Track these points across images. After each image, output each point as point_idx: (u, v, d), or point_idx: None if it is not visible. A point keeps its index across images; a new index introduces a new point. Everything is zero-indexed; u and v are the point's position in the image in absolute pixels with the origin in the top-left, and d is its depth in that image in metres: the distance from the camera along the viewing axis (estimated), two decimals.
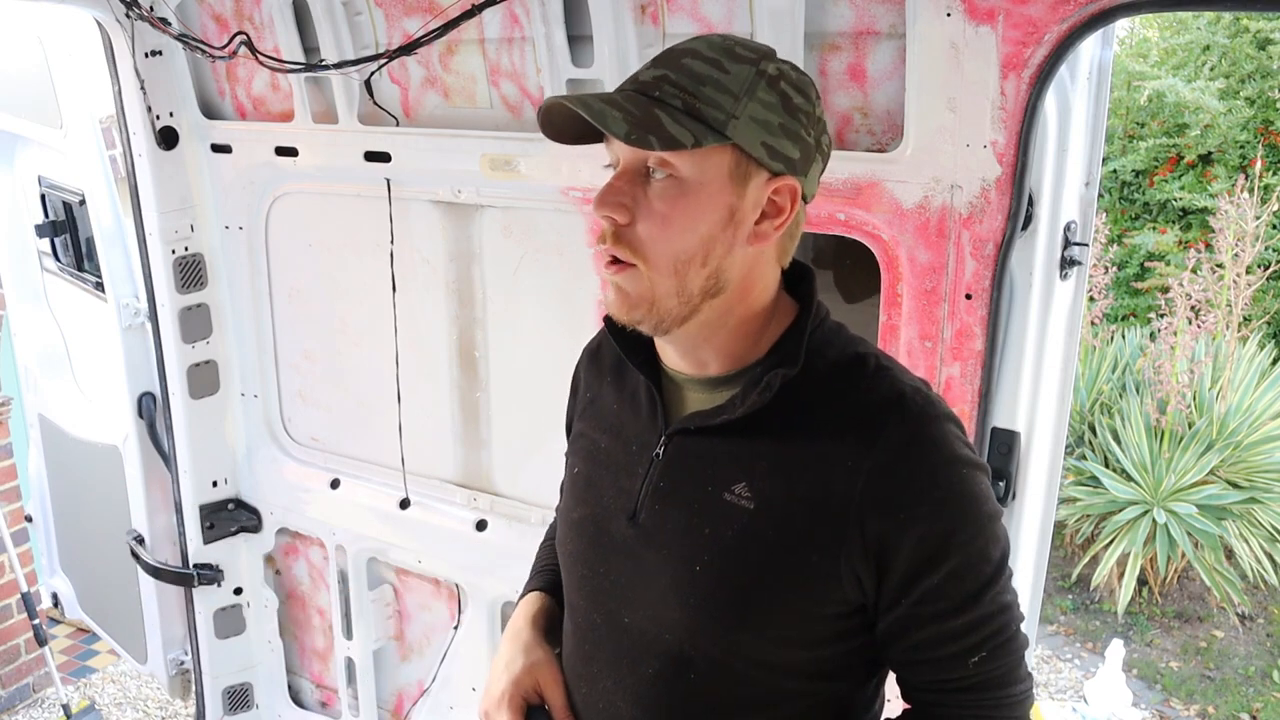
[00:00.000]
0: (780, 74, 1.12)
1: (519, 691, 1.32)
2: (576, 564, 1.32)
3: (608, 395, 1.34)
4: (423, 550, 2.70)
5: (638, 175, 1.11)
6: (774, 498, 1.13)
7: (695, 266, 1.11)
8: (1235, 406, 4.98)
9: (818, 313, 1.20)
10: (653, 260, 1.11)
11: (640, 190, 1.11)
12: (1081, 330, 1.92)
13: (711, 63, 1.10)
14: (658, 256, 1.11)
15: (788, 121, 1.11)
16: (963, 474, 1.11)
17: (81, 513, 3.52)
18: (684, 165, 1.09)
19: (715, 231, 1.11)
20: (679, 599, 1.18)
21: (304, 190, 2.63)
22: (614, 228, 1.12)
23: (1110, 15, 1.50)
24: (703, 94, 1.08)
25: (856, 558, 1.11)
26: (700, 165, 1.09)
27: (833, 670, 1.20)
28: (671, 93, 1.08)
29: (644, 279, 1.12)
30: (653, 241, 1.10)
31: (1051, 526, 1.90)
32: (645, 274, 1.12)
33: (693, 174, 1.09)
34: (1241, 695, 4.43)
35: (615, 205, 1.11)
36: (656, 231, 1.10)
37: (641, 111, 1.07)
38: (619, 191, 1.11)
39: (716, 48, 1.11)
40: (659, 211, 1.10)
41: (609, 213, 1.11)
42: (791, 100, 1.12)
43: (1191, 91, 6.54)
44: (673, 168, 1.09)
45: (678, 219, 1.10)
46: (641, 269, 1.11)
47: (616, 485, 1.27)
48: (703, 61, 1.10)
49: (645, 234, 1.11)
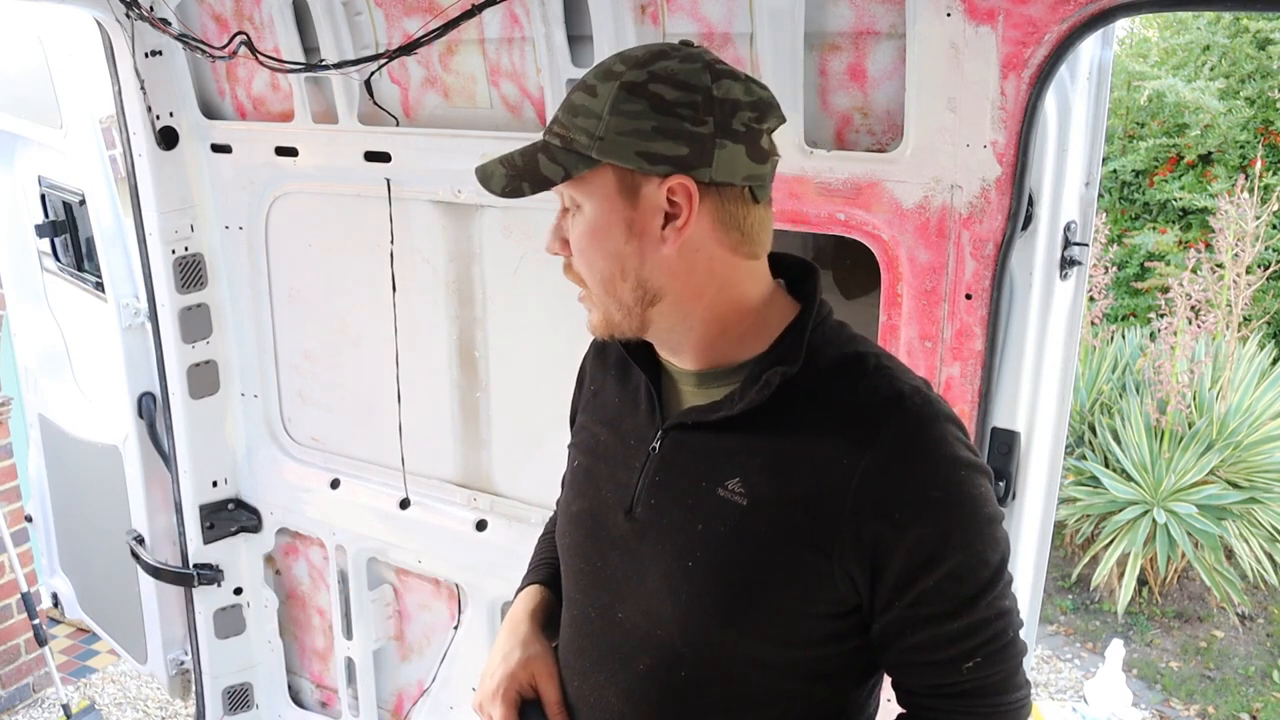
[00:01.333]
0: (651, 76, 1.09)
1: (514, 685, 1.32)
2: (574, 557, 1.32)
3: (610, 389, 1.35)
4: (423, 550, 2.70)
5: (566, 214, 1.20)
6: (768, 494, 1.13)
7: (617, 282, 1.17)
8: (1235, 406, 4.98)
9: (819, 311, 1.20)
10: (590, 284, 1.20)
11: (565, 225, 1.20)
12: (1081, 330, 1.92)
13: (587, 89, 1.13)
14: (591, 281, 1.19)
15: (662, 122, 1.09)
16: (961, 475, 1.10)
17: (81, 513, 3.52)
18: (579, 196, 1.16)
19: (620, 246, 1.15)
20: (671, 594, 1.18)
21: (304, 190, 2.63)
22: (566, 262, 1.21)
23: (1110, 15, 1.50)
24: (574, 124, 1.13)
25: (850, 557, 1.10)
26: (588, 192, 1.14)
27: (826, 671, 1.20)
28: (557, 131, 1.15)
29: (594, 300, 1.21)
30: (582, 269, 1.19)
31: (1051, 526, 1.90)
32: (591, 296, 1.21)
33: (585, 201, 1.15)
34: (1241, 695, 4.43)
35: (553, 242, 1.21)
36: (581, 260, 1.19)
37: (524, 161, 1.15)
38: (556, 230, 1.20)
39: (598, 72, 1.14)
40: (575, 242, 1.18)
41: (549, 249, 1.22)
42: (665, 99, 1.09)
43: (1191, 91, 6.54)
44: (577, 200, 1.16)
45: (587, 245, 1.17)
46: (587, 293, 1.21)
47: (614, 479, 1.27)
48: (581, 91, 1.14)
49: (577, 264, 1.19)
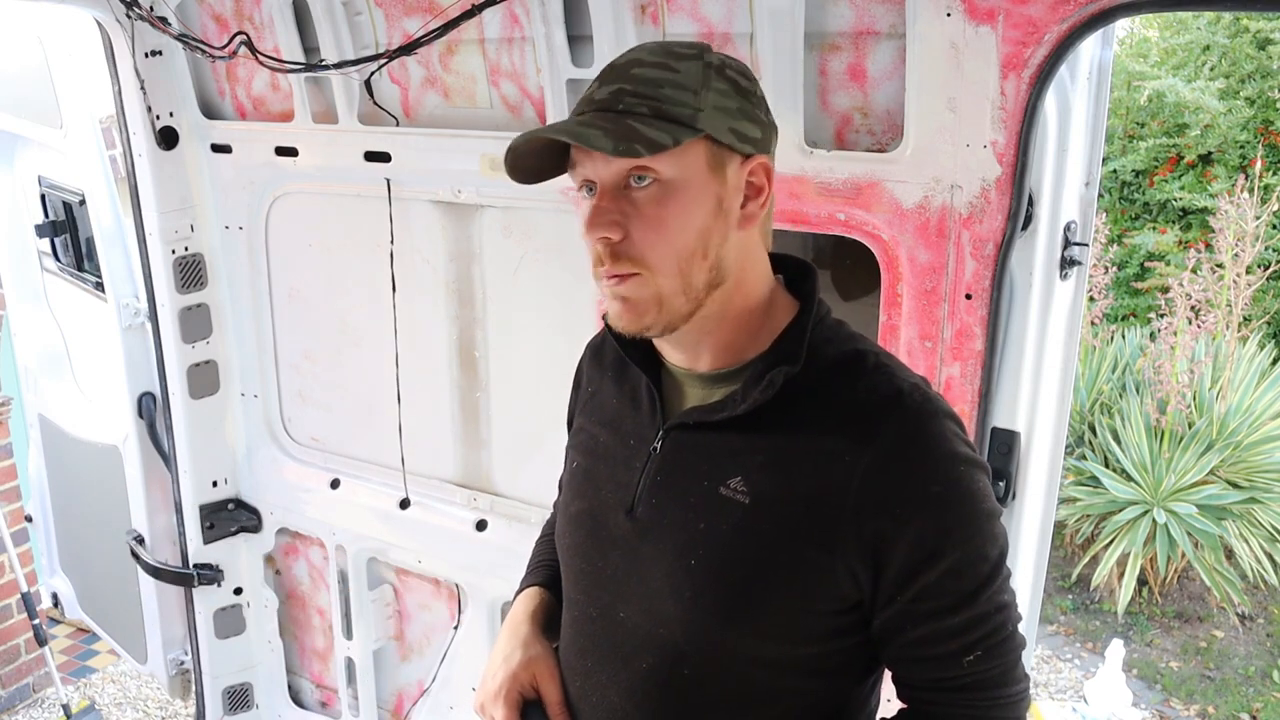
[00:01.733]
0: (724, 63, 1.15)
1: (515, 686, 1.32)
2: (574, 557, 1.32)
3: (608, 390, 1.35)
4: (423, 550, 2.70)
5: (618, 190, 1.12)
6: (770, 493, 1.14)
7: (697, 260, 1.13)
8: (1235, 406, 4.98)
9: (819, 310, 1.21)
10: (655, 264, 1.12)
11: (626, 203, 1.12)
12: (1081, 330, 1.92)
13: (659, 66, 1.12)
14: (659, 260, 1.12)
15: (743, 104, 1.15)
16: (961, 471, 1.11)
17: (81, 513, 3.52)
18: (665, 167, 1.10)
19: (709, 223, 1.13)
20: (673, 593, 1.18)
21: (304, 190, 2.63)
22: (609, 247, 1.12)
23: (1110, 15, 1.50)
24: (663, 95, 1.10)
25: (852, 554, 1.11)
26: (680, 163, 1.11)
27: (829, 668, 1.20)
28: (634, 102, 1.10)
29: (649, 284, 1.12)
30: (653, 247, 1.11)
31: (1051, 526, 1.90)
32: (650, 278, 1.12)
33: (675, 174, 1.11)
34: (1241, 695, 4.43)
35: (608, 224, 1.11)
36: (654, 236, 1.11)
37: (615, 125, 1.09)
38: (607, 210, 1.12)
39: (658, 52, 1.14)
40: (653, 216, 1.11)
41: (604, 233, 1.11)
42: (740, 84, 1.15)
43: (1191, 91, 6.54)
44: (655, 172, 1.10)
45: (672, 219, 1.11)
46: (645, 275, 1.12)
47: (614, 479, 1.27)
48: (651, 67, 1.12)
49: (643, 241, 1.11)
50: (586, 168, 1.13)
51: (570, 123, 1.11)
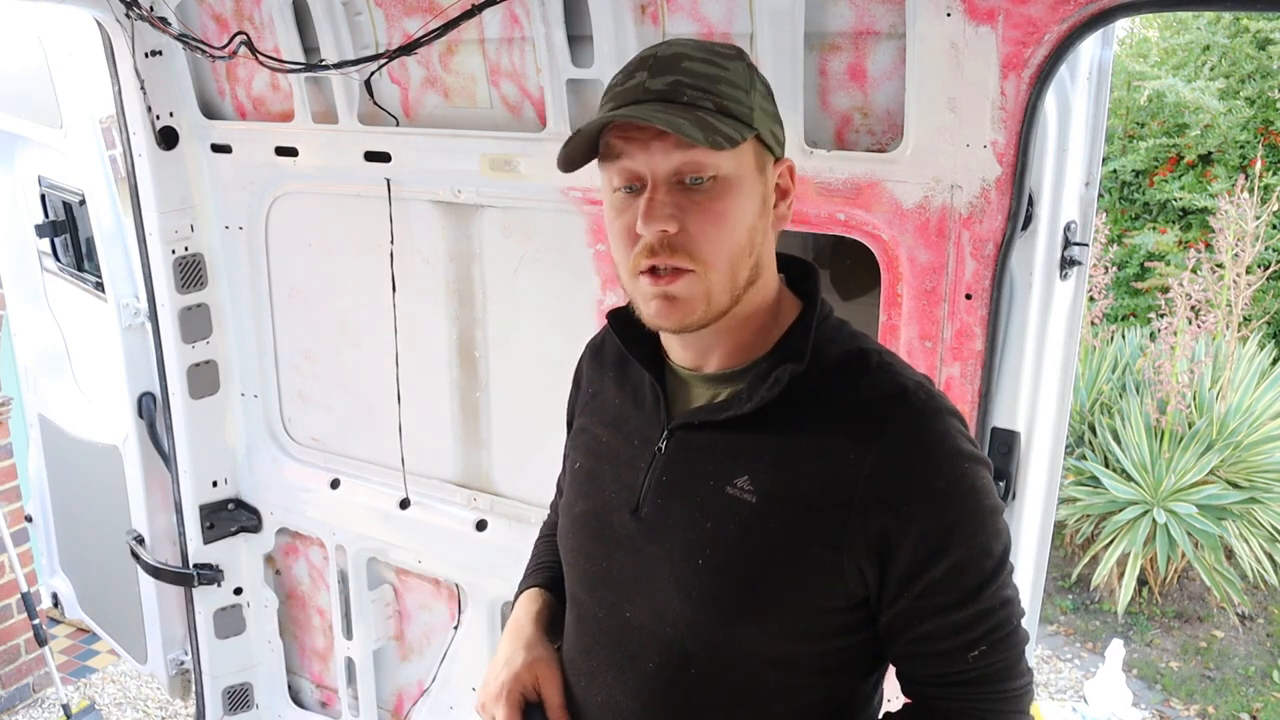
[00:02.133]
0: (755, 65, 1.18)
1: (518, 687, 1.32)
2: (578, 558, 1.32)
3: (609, 390, 1.35)
4: (423, 550, 2.69)
5: (672, 184, 1.11)
6: (777, 491, 1.14)
7: (745, 257, 1.14)
8: (1235, 406, 4.98)
9: (822, 309, 1.22)
10: (709, 260, 1.11)
11: (681, 197, 1.11)
12: (1081, 330, 1.92)
13: (708, 62, 1.12)
14: (714, 256, 1.11)
15: (774, 108, 1.18)
16: (965, 468, 1.12)
17: (81, 513, 3.52)
18: (724, 164, 1.11)
19: (755, 220, 1.15)
20: (680, 592, 1.18)
21: (304, 190, 2.63)
22: (665, 239, 1.10)
23: (1110, 15, 1.51)
24: (722, 92, 1.11)
25: (859, 551, 1.12)
26: (737, 160, 1.12)
27: (834, 665, 1.21)
28: (697, 95, 1.10)
29: (700, 280, 1.12)
30: (708, 242, 1.11)
31: (1051, 526, 1.90)
32: (703, 275, 1.12)
33: (733, 170, 1.11)
34: (1241, 695, 4.43)
35: (666, 218, 1.10)
36: (712, 231, 1.11)
37: (692, 117, 1.08)
38: (664, 204, 1.10)
39: (700, 48, 1.14)
40: (713, 211, 1.11)
41: (662, 226, 1.09)
42: (768, 88, 1.18)
43: (1191, 91, 6.54)
44: (715, 168, 1.10)
45: (730, 216, 1.12)
46: (699, 271, 1.11)
47: (618, 479, 1.27)
48: (700, 62, 1.12)
49: (700, 236, 1.10)
50: (637, 160, 1.11)
51: (649, 111, 1.08)
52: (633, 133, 1.10)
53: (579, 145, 1.13)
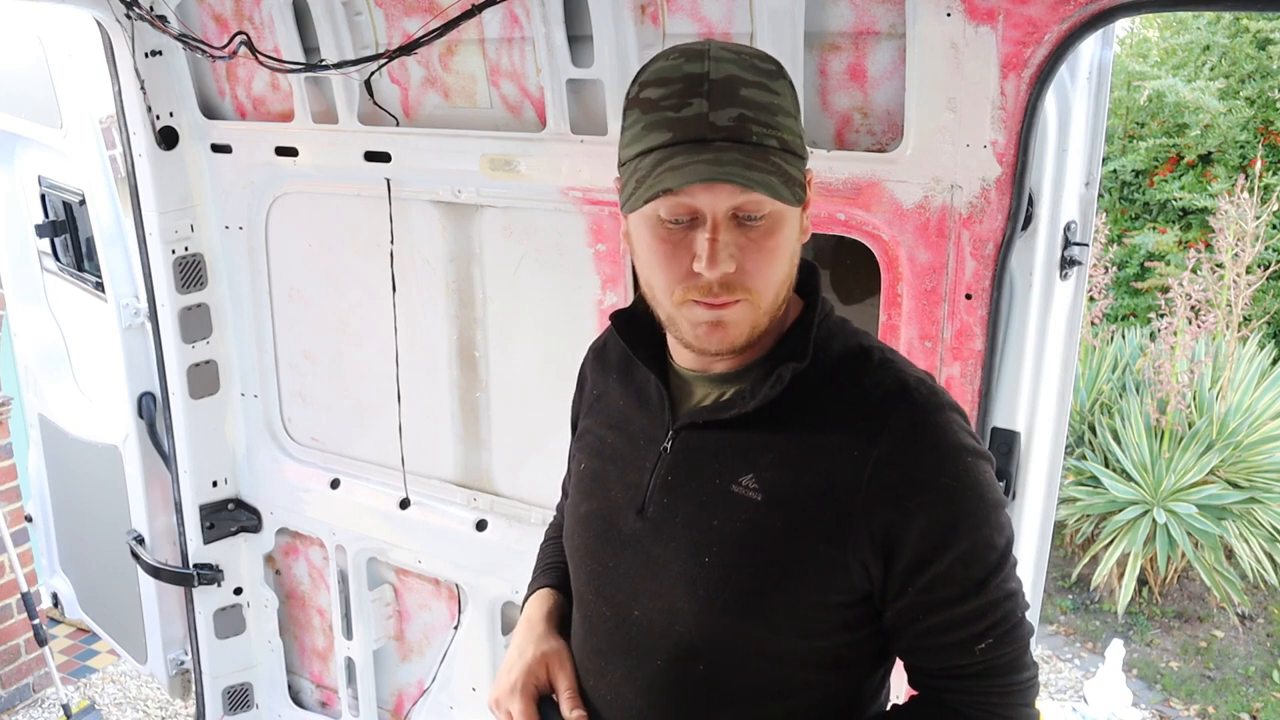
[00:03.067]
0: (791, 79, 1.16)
1: (531, 679, 1.33)
2: (585, 558, 1.33)
3: (614, 391, 1.36)
4: (423, 550, 2.69)
5: (729, 220, 1.09)
6: (781, 489, 1.15)
7: (786, 282, 1.15)
8: (1235, 406, 4.98)
9: (823, 307, 1.23)
10: (760, 290, 1.12)
11: (738, 235, 1.09)
12: (1081, 330, 1.92)
13: (760, 87, 1.09)
14: (764, 287, 1.12)
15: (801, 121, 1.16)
16: (968, 462, 1.13)
17: (81, 513, 3.52)
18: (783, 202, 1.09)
19: (796, 246, 1.16)
20: (687, 591, 1.19)
21: (304, 190, 2.63)
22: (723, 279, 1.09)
23: (1110, 15, 1.51)
24: (782, 125, 1.09)
25: (864, 546, 1.12)
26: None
27: (841, 660, 1.21)
28: (763, 133, 1.07)
29: (751, 308, 1.13)
30: (761, 275, 1.11)
31: (1051, 526, 1.90)
32: (752, 303, 1.12)
33: (782, 205, 1.10)
34: (1241, 695, 4.43)
35: (728, 260, 1.08)
36: (767, 266, 1.11)
37: (763, 162, 1.06)
38: (726, 245, 1.08)
39: (746, 66, 1.09)
40: (768, 249, 1.11)
41: (726, 269, 1.08)
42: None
43: (1191, 91, 6.54)
44: (773, 204, 1.09)
45: (781, 250, 1.12)
46: (750, 300, 1.12)
47: (624, 480, 1.28)
48: (754, 88, 1.08)
49: (755, 272, 1.11)
50: (698, 199, 1.07)
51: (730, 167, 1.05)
52: None
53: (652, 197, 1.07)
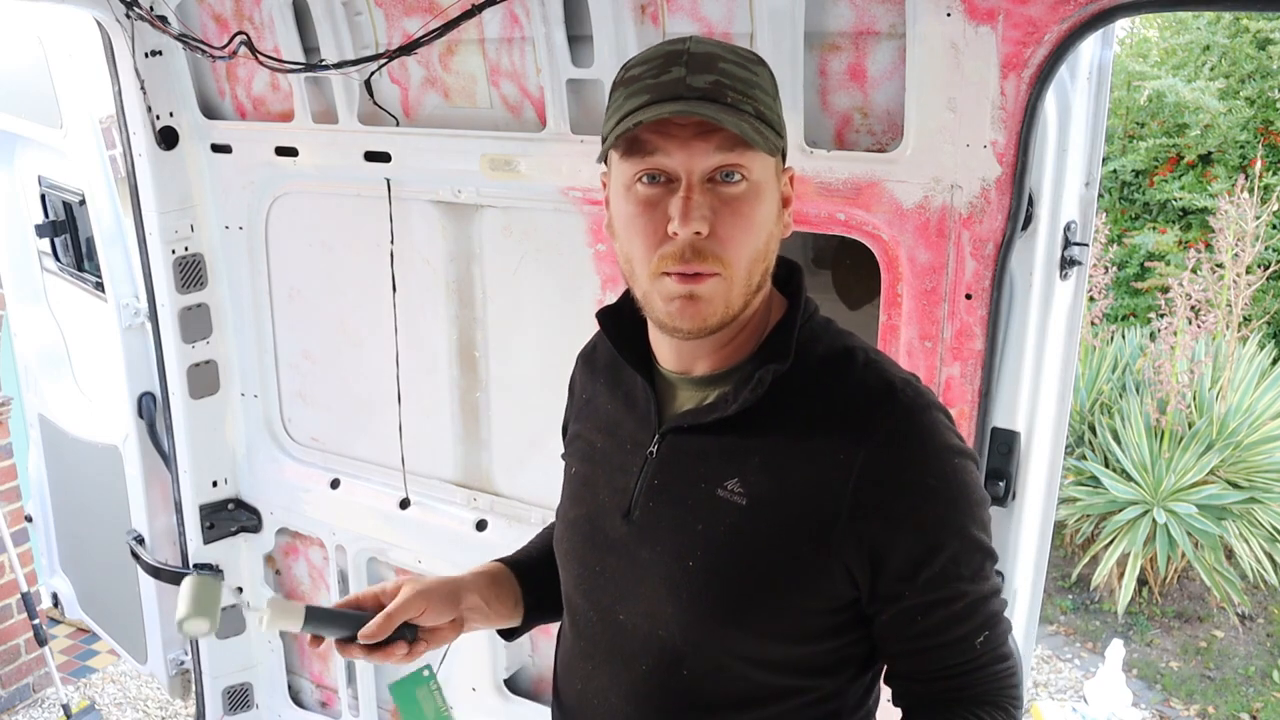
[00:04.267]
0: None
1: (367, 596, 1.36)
2: (573, 562, 1.33)
3: (602, 396, 1.36)
4: (423, 550, 2.69)
5: (704, 184, 1.09)
6: (766, 493, 1.14)
7: (760, 263, 1.14)
8: (1235, 406, 4.98)
9: (806, 308, 1.22)
10: (733, 263, 1.10)
11: (712, 198, 1.09)
12: (1081, 330, 1.92)
13: (741, 66, 1.11)
14: (739, 259, 1.10)
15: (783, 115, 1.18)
16: (955, 463, 1.13)
17: (81, 513, 3.52)
18: (756, 168, 1.10)
19: (773, 227, 1.14)
20: (672, 595, 1.19)
21: (304, 190, 2.63)
22: (696, 242, 1.08)
23: (1110, 15, 1.51)
24: (759, 98, 1.10)
25: (850, 551, 1.12)
26: (764, 165, 1.11)
27: (827, 665, 1.21)
28: (739, 99, 1.08)
29: (724, 283, 1.11)
30: (735, 245, 1.10)
31: (1051, 526, 1.90)
32: (726, 278, 1.11)
33: (761, 175, 1.11)
34: (1241, 695, 4.43)
35: (701, 220, 1.07)
36: (740, 235, 1.10)
37: (738, 118, 1.07)
38: (700, 205, 1.07)
39: (730, 50, 1.12)
40: (742, 215, 1.09)
41: (698, 227, 1.07)
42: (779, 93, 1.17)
43: (1191, 91, 6.54)
44: (748, 171, 1.09)
45: (756, 220, 1.11)
46: (724, 274, 1.10)
47: (611, 484, 1.28)
48: (735, 65, 1.10)
49: (729, 239, 1.09)
50: (674, 158, 1.08)
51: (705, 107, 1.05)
52: (672, 129, 1.07)
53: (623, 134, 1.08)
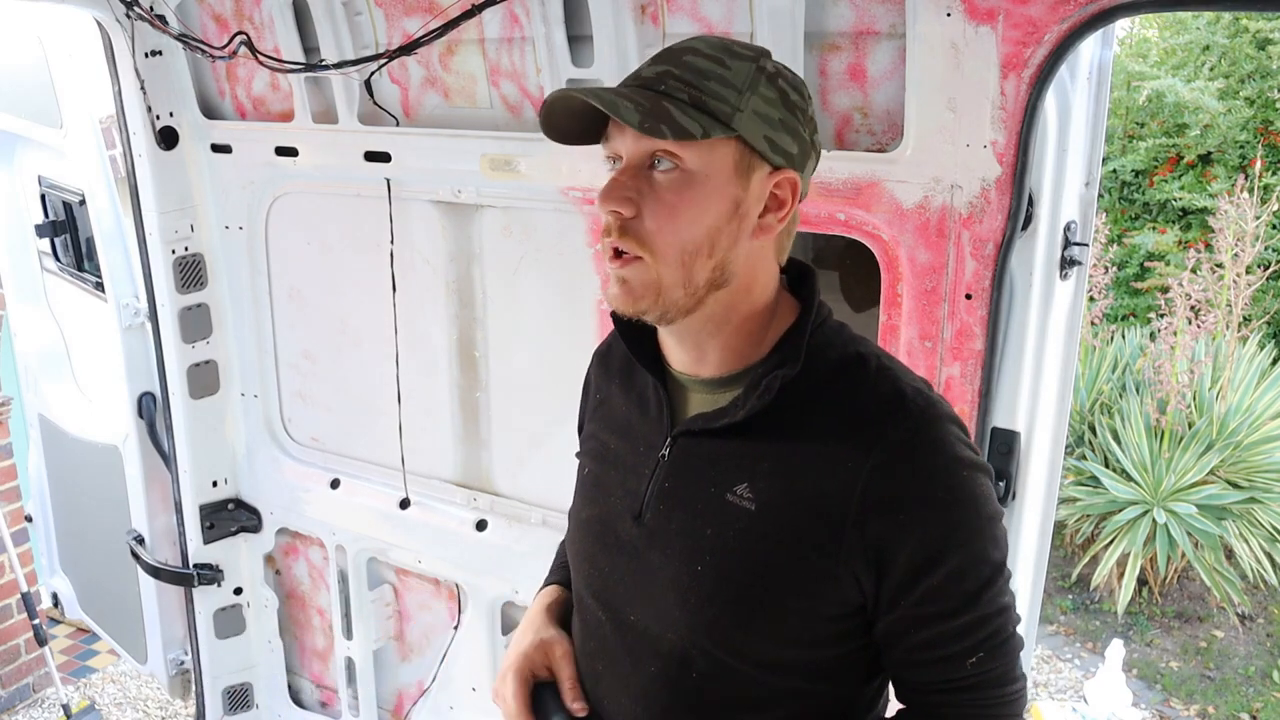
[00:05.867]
0: (778, 71, 1.15)
1: (527, 664, 1.33)
2: (584, 563, 1.33)
3: (616, 396, 1.36)
4: (423, 550, 2.69)
5: (641, 169, 1.12)
6: (775, 498, 1.14)
7: (702, 258, 1.13)
8: (1235, 406, 4.98)
9: (819, 312, 1.21)
10: (659, 251, 1.12)
11: (645, 183, 1.12)
12: (1081, 330, 1.92)
13: (713, 59, 1.12)
14: (665, 247, 1.12)
15: (787, 117, 1.14)
16: (964, 475, 1.12)
17: (81, 513, 3.52)
18: (690, 157, 1.10)
19: (720, 223, 1.13)
20: (680, 599, 1.19)
21: (304, 190, 2.63)
22: (619, 221, 1.12)
23: (1110, 15, 1.51)
24: (707, 88, 1.10)
25: (856, 558, 1.11)
26: (706, 157, 1.11)
27: (833, 671, 1.21)
28: (676, 86, 1.10)
29: (650, 270, 1.12)
30: (660, 233, 1.11)
31: (1051, 526, 1.90)
32: (651, 265, 1.12)
33: (699, 166, 1.11)
34: (1241, 695, 4.43)
35: (620, 199, 1.11)
36: (664, 223, 1.11)
37: (650, 103, 1.09)
38: (624, 185, 1.12)
39: (716, 46, 1.13)
40: (667, 202, 1.11)
41: (615, 206, 1.11)
42: (789, 97, 1.15)
43: (1191, 91, 6.54)
44: (679, 159, 1.10)
45: (685, 210, 1.11)
46: (648, 260, 1.12)
47: (624, 486, 1.28)
48: (704, 58, 1.12)
49: (652, 225, 1.11)
50: (616, 141, 1.14)
51: (607, 91, 1.11)
52: None
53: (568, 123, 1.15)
